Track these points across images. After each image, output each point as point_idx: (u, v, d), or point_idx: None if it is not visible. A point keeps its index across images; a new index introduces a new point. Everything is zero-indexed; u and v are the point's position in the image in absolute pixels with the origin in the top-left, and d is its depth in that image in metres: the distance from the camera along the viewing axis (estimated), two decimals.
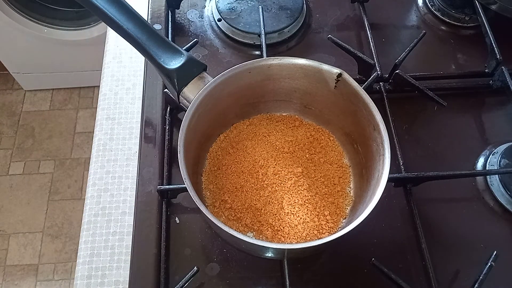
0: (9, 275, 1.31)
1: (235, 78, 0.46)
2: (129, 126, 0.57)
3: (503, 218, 0.52)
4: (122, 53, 0.62)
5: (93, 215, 0.51)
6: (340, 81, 0.45)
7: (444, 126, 0.58)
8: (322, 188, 0.48)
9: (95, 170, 0.54)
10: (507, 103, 0.59)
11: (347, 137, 0.50)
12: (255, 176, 0.48)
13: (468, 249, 0.50)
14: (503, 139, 0.56)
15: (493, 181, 0.53)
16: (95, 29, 1.31)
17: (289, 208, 0.46)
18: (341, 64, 0.59)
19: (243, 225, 0.46)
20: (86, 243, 0.49)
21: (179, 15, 0.67)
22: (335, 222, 0.46)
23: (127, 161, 0.54)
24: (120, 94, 0.59)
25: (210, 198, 0.48)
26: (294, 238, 0.45)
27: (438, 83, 0.60)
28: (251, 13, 0.64)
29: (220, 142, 0.52)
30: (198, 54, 0.63)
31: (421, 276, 0.48)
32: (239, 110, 0.52)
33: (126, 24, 0.43)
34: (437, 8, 0.67)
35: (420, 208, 0.51)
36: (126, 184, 0.53)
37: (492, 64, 0.59)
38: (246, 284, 0.48)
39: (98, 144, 0.55)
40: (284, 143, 0.51)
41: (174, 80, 0.43)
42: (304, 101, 0.52)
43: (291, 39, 0.65)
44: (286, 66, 0.47)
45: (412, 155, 0.55)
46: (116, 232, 0.50)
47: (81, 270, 0.48)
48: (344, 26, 0.67)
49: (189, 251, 0.49)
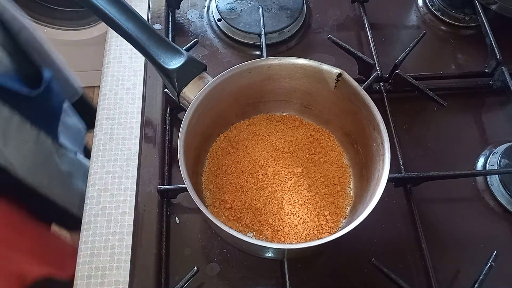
0: None
1: (235, 78, 0.46)
2: (129, 126, 0.57)
3: (503, 218, 0.52)
4: (122, 53, 0.62)
5: (93, 215, 0.51)
6: (340, 81, 0.45)
7: (444, 126, 0.58)
8: (322, 188, 0.48)
9: (95, 170, 0.54)
10: (507, 103, 0.59)
11: (347, 137, 0.50)
12: (255, 176, 0.48)
13: (468, 249, 0.50)
14: (503, 139, 0.56)
15: (493, 181, 0.53)
16: (95, 29, 1.31)
17: (289, 208, 0.46)
18: (341, 64, 0.59)
19: (243, 225, 0.46)
20: (86, 243, 0.49)
21: (179, 15, 0.67)
22: (335, 222, 0.46)
23: (127, 161, 0.54)
24: (120, 94, 0.59)
25: (210, 198, 0.48)
26: (294, 238, 0.45)
27: (438, 83, 0.60)
28: (251, 13, 0.64)
29: (220, 142, 0.52)
30: (198, 54, 0.63)
31: (421, 276, 0.48)
32: (239, 110, 0.52)
33: (126, 24, 0.43)
34: (437, 8, 0.67)
35: (420, 208, 0.51)
36: (126, 184, 0.53)
37: (492, 64, 0.59)
38: (246, 284, 0.48)
39: (98, 144, 0.55)
40: (284, 143, 0.51)
41: (174, 80, 0.43)
42: (304, 101, 0.52)
43: (291, 39, 0.65)
44: (286, 66, 0.47)
45: (412, 155, 0.55)
46: (116, 232, 0.50)
47: (81, 270, 0.48)
48: (344, 26, 0.67)
49: (189, 251, 0.49)
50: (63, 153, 0.68)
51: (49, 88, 0.64)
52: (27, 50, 0.63)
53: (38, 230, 0.65)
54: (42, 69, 0.64)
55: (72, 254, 0.62)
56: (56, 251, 0.68)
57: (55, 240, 0.69)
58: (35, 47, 0.66)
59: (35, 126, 0.60)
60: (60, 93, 0.70)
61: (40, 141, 0.62)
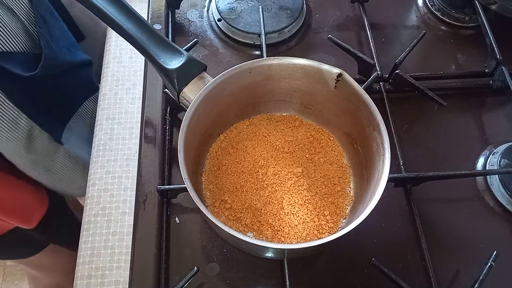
0: (9, 275, 1.31)
1: (235, 78, 0.46)
2: (129, 126, 0.57)
3: (503, 218, 0.52)
4: (122, 53, 0.62)
5: (93, 215, 0.51)
6: (340, 81, 0.45)
7: (444, 126, 0.58)
8: (322, 188, 0.48)
9: (95, 170, 0.54)
10: (507, 103, 0.59)
11: (347, 137, 0.50)
12: (255, 176, 0.48)
13: (468, 249, 0.50)
14: (503, 139, 0.56)
15: (493, 181, 0.53)
16: None
17: (289, 208, 0.46)
18: (341, 64, 0.59)
19: (243, 225, 0.46)
20: (86, 243, 0.49)
21: (179, 15, 0.67)
22: (335, 222, 0.46)
23: (127, 161, 0.54)
24: (120, 94, 0.59)
25: (210, 198, 0.48)
26: (294, 238, 0.45)
27: (438, 83, 0.60)
28: (251, 13, 0.64)
29: (220, 142, 0.52)
30: (198, 54, 0.63)
31: (421, 276, 0.48)
32: (239, 110, 0.52)
33: (126, 24, 0.43)
34: (437, 8, 0.67)
35: (420, 208, 0.51)
36: (126, 184, 0.53)
37: (492, 64, 0.59)
38: (246, 284, 0.48)
39: (98, 144, 0.55)
40: (284, 143, 0.51)
41: (174, 80, 0.43)
42: (304, 101, 0.52)
43: (291, 39, 0.65)
44: (286, 66, 0.47)
45: (412, 155, 0.55)
46: (116, 232, 0.50)
47: (81, 270, 0.48)
48: (344, 26, 0.67)
49: (189, 251, 0.49)
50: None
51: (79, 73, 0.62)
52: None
53: (7, 181, 0.64)
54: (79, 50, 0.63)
55: (40, 204, 0.62)
56: (24, 203, 0.67)
57: (23, 191, 0.68)
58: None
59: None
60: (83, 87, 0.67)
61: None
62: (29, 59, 0.57)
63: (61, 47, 0.61)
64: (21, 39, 0.55)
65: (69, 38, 0.65)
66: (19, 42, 0.55)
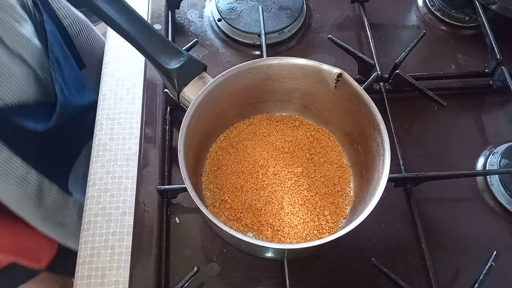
0: None
1: (235, 78, 0.46)
2: (129, 126, 0.57)
3: (503, 218, 0.52)
4: (122, 53, 0.62)
5: (93, 215, 0.51)
6: (340, 81, 0.45)
7: (444, 126, 0.58)
8: (322, 188, 0.48)
9: (95, 170, 0.53)
10: (507, 103, 0.59)
11: (347, 137, 0.50)
12: (255, 176, 0.48)
13: (468, 249, 0.50)
14: (503, 139, 0.56)
15: (493, 181, 0.53)
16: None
17: (289, 208, 0.46)
18: (341, 64, 0.59)
19: (243, 225, 0.46)
20: (86, 243, 0.49)
21: (179, 15, 0.67)
22: (335, 222, 0.46)
23: (127, 161, 0.54)
24: (120, 94, 0.59)
25: (210, 198, 0.48)
26: (294, 238, 0.45)
27: (438, 83, 0.60)
28: (251, 13, 0.64)
29: (220, 142, 0.52)
30: (198, 54, 0.63)
31: (421, 276, 0.48)
32: (239, 110, 0.52)
33: (126, 24, 0.43)
34: (437, 8, 0.67)
35: (420, 208, 0.51)
36: (126, 184, 0.53)
37: (492, 64, 0.59)
38: (246, 284, 0.48)
39: (98, 144, 0.55)
40: (284, 143, 0.51)
41: (174, 80, 0.43)
42: (304, 101, 0.52)
43: (291, 39, 0.65)
44: (286, 66, 0.47)
45: (412, 155, 0.55)
46: (116, 232, 0.50)
47: (81, 270, 0.48)
48: (344, 26, 0.67)
49: (189, 251, 0.49)
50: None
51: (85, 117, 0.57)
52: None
53: (15, 224, 0.60)
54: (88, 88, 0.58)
55: (50, 247, 0.59)
56: (30, 243, 0.64)
57: (32, 234, 0.66)
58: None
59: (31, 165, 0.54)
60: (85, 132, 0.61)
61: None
62: (40, 108, 0.53)
63: (72, 90, 0.57)
64: (31, 88, 0.52)
65: (78, 79, 0.61)
66: (30, 92, 0.52)
